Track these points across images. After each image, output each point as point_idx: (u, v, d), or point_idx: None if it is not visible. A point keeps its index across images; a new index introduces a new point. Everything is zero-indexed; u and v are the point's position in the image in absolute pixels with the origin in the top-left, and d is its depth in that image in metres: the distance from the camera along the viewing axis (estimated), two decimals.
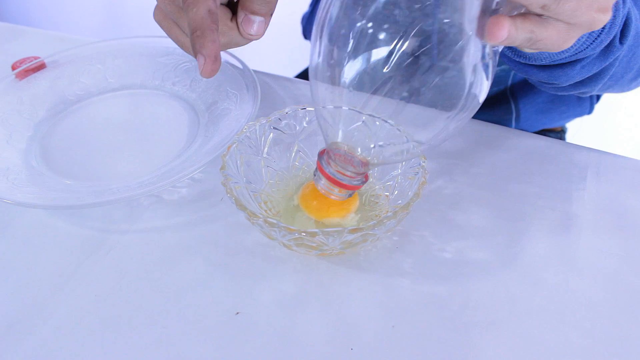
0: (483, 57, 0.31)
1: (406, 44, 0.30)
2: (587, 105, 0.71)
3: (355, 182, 0.37)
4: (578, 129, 0.78)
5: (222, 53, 0.52)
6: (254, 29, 0.38)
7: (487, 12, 0.30)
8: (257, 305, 0.38)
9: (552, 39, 0.31)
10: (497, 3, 0.30)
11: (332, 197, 0.38)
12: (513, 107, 0.68)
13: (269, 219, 0.36)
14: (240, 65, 0.55)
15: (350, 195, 0.39)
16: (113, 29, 1.95)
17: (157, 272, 0.41)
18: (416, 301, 0.38)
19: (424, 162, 0.40)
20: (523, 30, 0.30)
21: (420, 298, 0.39)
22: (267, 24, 0.38)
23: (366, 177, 0.39)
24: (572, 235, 0.43)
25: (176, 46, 0.41)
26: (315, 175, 0.39)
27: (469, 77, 0.31)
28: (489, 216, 0.45)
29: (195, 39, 0.34)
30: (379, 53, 0.31)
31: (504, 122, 0.69)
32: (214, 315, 0.38)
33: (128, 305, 0.39)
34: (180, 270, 0.41)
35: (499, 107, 0.69)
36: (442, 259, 0.41)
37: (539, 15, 0.30)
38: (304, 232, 0.35)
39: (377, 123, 0.36)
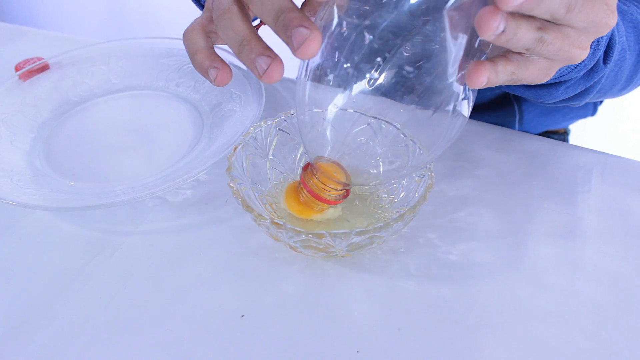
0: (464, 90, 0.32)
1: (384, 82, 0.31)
2: (590, 106, 0.71)
3: (335, 197, 0.39)
4: (582, 131, 0.78)
5: (225, 54, 0.53)
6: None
7: (469, 55, 0.30)
8: (263, 307, 0.38)
9: (534, 76, 0.31)
10: (479, 43, 0.30)
11: (317, 207, 0.40)
12: (516, 108, 0.68)
13: (275, 220, 0.36)
14: (244, 67, 0.55)
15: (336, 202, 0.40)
16: (117, 30, 1.95)
17: (161, 274, 0.41)
18: (422, 303, 0.38)
19: (430, 164, 0.40)
20: (504, 74, 0.30)
21: (426, 300, 0.39)
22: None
23: (347, 193, 0.40)
24: (577, 238, 0.43)
25: (180, 47, 0.41)
26: (298, 186, 0.40)
27: (448, 120, 0.32)
28: (494, 218, 0.45)
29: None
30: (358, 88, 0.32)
31: (507, 124, 0.69)
32: (219, 317, 0.38)
33: (132, 307, 0.39)
34: (185, 272, 0.41)
35: (502, 109, 0.69)
36: (447, 261, 0.41)
37: (521, 53, 0.30)
38: (311, 233, 0.35)
39: (384, 126, 0.36)
